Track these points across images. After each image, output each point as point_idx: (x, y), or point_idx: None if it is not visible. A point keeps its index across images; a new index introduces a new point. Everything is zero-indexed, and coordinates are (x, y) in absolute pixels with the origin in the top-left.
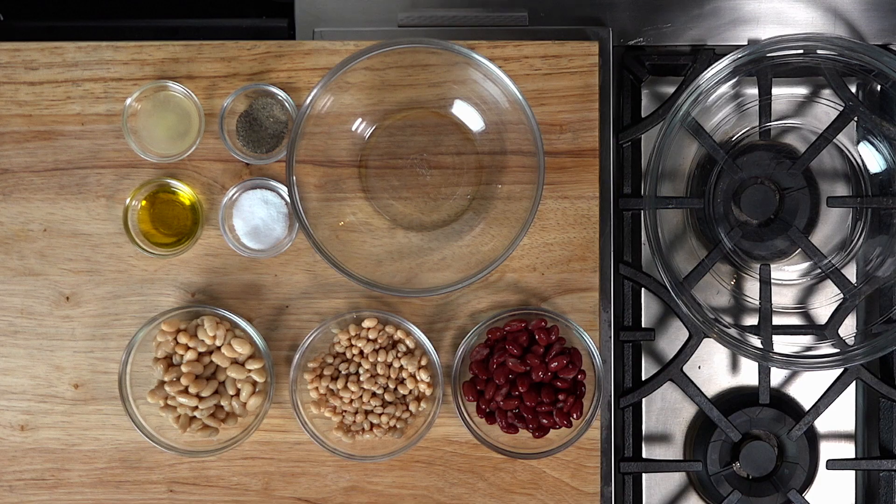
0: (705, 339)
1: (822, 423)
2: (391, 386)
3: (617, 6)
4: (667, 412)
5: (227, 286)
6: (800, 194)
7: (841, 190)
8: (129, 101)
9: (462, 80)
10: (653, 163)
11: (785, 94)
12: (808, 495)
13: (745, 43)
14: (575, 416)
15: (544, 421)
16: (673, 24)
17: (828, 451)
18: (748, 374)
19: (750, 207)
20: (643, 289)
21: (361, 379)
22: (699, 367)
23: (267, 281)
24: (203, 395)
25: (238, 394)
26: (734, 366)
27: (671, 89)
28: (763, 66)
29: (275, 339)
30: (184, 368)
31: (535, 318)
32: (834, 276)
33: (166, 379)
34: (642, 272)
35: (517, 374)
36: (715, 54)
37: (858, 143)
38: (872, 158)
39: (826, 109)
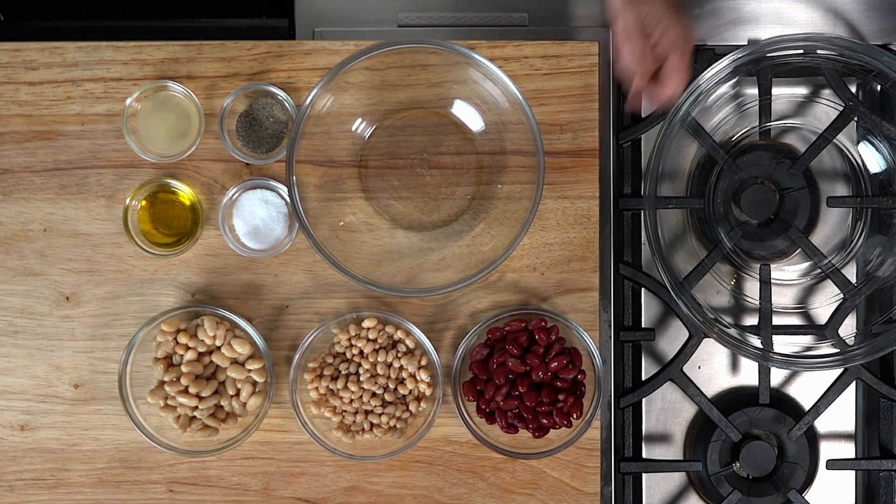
0: (705, 339)
1: (822, 423)
2: (391, 386)
3: None
4: (667, 412)
5: (227, 286)
6: (800, 194)
7: (841, 190)
8: (129, 101)
9: (462, 80)
10: (653, 163)
11: (785, 94)
12: (808, 495)
13: (745, 43)
14: (575, 416)
15: (544, 421)
16: None
17: (828, 451)
18: (748, 374)
19: (750, 207)
20: (643, 289)
21: (361, 379)
22: (699, 367)
23: (267, 281)
24: (203, 395)
25: (238, 394)
26: (734, 366)
27: None
28: (763, 66)
29: (275, 339)
30: (184, 368)
31: (535, 318)
32: (834, 276)
33: (166, 379)
34: (642, 272)
35: (517, 374)
36: (715, 54)
37: (858, 143)
38: (872, 158)
39: (826, 109)
